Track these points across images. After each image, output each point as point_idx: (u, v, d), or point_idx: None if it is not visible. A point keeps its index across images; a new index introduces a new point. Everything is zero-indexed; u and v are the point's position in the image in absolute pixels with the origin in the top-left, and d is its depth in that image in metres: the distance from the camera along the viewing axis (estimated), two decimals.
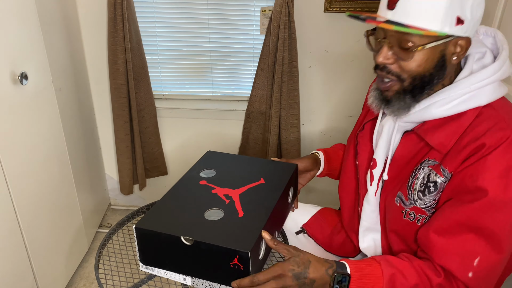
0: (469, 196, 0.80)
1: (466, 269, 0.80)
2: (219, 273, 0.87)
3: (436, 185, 0.85)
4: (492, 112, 0.82)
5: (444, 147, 0.84)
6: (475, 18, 0.80)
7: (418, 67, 0.82)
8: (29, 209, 1.42)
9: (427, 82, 0.84)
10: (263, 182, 1.06)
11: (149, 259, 0.94)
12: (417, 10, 0.78)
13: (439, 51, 0.81)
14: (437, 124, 0.86)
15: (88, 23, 1.89)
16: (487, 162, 0.78)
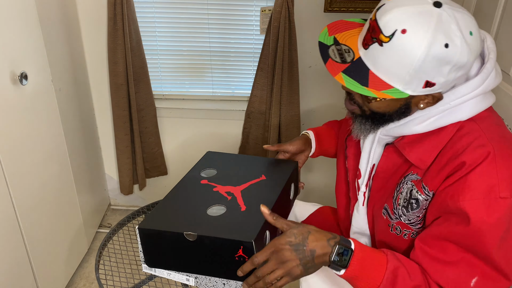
0: (454, 217, 0.77)
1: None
2: (224, 267, 0.87)
3: (418, 202, 0.83)
4: (473, 126, 0.78)
5: (423, 163, 0.82)
6: (452, 79, 0.74)
7: (378, 109, 0.82)
8: (29, 209, 1.42)
9: (387, 119, 0.84)
10: (264, 178, 1.06)
11: (153, 260, 0.94)
12: (384, 65, 0.74)
13: (403, 100, 0.79)
14: (416, 138, 0.83)
15: (88, 23, 1.89)
16: (467, 181, 0.74)
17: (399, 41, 0.71)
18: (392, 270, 0.79)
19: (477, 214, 0.72)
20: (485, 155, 0.74)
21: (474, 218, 0.73)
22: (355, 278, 0.80)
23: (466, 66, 0.73)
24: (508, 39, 1.31)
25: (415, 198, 0.83)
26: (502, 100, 1.31)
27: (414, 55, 0.70)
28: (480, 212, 0.72)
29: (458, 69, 0.73)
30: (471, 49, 0.71)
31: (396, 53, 0.72)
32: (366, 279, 0.79)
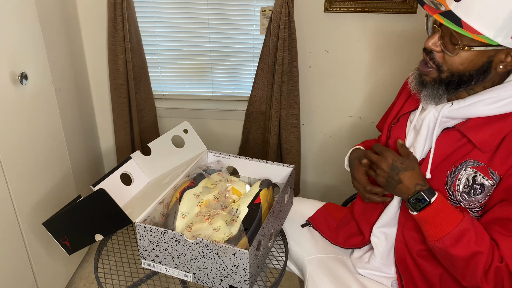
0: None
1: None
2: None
3: (483, 187, 0.86)
4: None
5: (487, 146, 0.84)
6: None
7: (460, 65, 0.83)
8: (29, 209, 1.43)
9: (464, 81, 0.85)
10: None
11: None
12: (478, 12, 0.77)
13: (487, 56, 0.81)
14: (481, 122, 0.85)
15: (88, 23, 1.89)
16: None
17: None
18: (461, 230, 0.83)
19: None
20: None
21: None
22: (425, 221, 0.87)
23: None
24: None
25: (480, 183, 0.86)
26: None
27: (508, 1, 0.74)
28: None
29: None
30: None
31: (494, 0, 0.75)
32: (434, 226, 0.85)
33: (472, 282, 0.84)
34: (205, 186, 1.08)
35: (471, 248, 0.82)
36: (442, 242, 0.84)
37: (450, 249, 0.83)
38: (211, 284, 0.95)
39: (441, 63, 0.85)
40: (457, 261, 0.84)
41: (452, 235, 0.83)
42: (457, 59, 0.83)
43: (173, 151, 1.23)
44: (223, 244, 0.88)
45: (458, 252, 0.83)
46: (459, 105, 0.87)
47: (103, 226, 0.99)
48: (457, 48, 0.81)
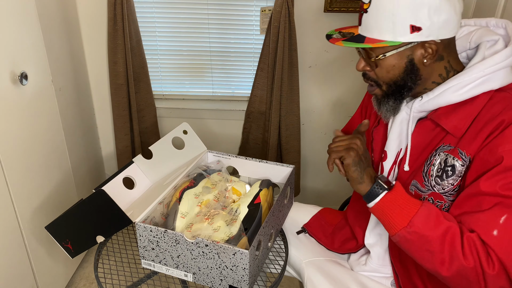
0: (491, 168, 0.81)
1: (490, 226, 0.78)
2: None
3: (454, 168, 0.87)
4: (505, 94, 0.85)
5: (459, 130, 0.87)
6: (436, 22, 0.82)
7: (388, 73, 0.89)
8: (29, 209, 1.43)
9: (402, 86, 0.90)
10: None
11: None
12: (372, 25, 0.86)
13: (405, 56, 0.87)
14: (451, 109, 0.88)
15: (88, 23, 1.90)
16: (505, 134, 0.80)
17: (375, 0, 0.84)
18: (428, 207, 0.84)
19: (510, 160, 0.78)
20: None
21: (509, 160, 0.78)
22: (390, 207, 0.85)
23: (445, 9, 0.81)
24: None
25: (451, 165, 0.87)
26: None
27: (388, 4, 0.82)
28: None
29: (436, 11, 0.81)
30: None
31: (376, 10, 0.84)
32: (400, 210, 0.84)
33: (453, 263, 0.80)
34: (205, 186, 1.08)
35: (443, 223, 0.81)
36: (412, 224, 0.82)
37: (423, 229, 0.81)
38: (211, 284, 0.95)
39: (375, 78, 0.92)
40: (432, 242, 0.81)
41: (421, 214, 0.82)
42: (382, 70, 0.90)
43: (174, 153, 1.24)
44: (223, 244, 0.88)
45: (432, 230, 0.81)
46: (428, 97, 0.91)
47: (104, 227, 0.99)
48: (373, 61, 0.89)
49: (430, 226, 0.81)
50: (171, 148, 1.23)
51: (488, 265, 0.77)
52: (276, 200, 1.05)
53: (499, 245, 0.77)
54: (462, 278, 0.80)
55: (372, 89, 0.95)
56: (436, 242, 0.80)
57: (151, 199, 1.05)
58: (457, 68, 0.90)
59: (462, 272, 0.79)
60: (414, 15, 0.81)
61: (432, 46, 0.85)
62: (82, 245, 1.03)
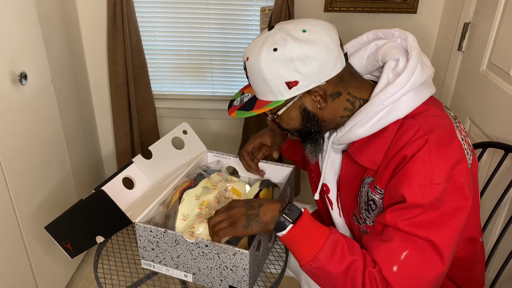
0: (396, 203, 0.81)
1: (391, 262, 0.78)
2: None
3: (375, 203, 0.87)
4: (412, 122, 0.82)
5: (374, 164, 0.86)
6: (310, 71, 0.81)
7: (289, 125, 0.90)
8: (28, 209, 1.42)
9: (307, 132, 0.90)
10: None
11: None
12: (256, 88, 0.87)
13: (297, 107, 0.87)
14: (364, 142, 0.87)
15: (88, 23, 1.89)
16: (406, 171, 0.79)
17: (248, 67, 0.84)
18: (334, 240, 0.82)
19: (413, 198, 0.77)
20: (422, 145, 0.79)
21: (410, 200, 0.77)
22: (298, 239, 0.83)
23: (314, 55, 0.79)
24: (508, 39, 1.31)
25: (372, 199, 0.87)
26: (502, 100, 1.30)
27: (257, 69, 0.82)
28: (417, 197, 0.77)
29: (305, 61, 0.79)
30: (307, 42, 0.79)
31: (252, 76, 0.85)
32: (307, 243, 0.82)
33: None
34: (205, 187, 1.08)
35: (346, 259, 0.80)
36: (317, 259, 0.81)
37: (326, 266, 0.80)
38: (211, 284, 0.94)
39: (286, 129, 0.93)
40: (336, 278, 0.81)
41: (325, 249, 0.81)
42: (283, 123, 0.90)
43: (174, 153, 1.23)
44: (223, 245, 0.88)
45: (335, 267, 0.80)
46: (341, 133, 0.89)
47: (104, 227, 0.99)
48: (269, 119, 0.91)
49: (334, 262, 0.80)
50: (171, 148, 1.23)
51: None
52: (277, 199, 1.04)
53: (397, 282, 0.78)
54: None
55: (292, 136, 0.96)
56: (339, 278, 0.80)
57: (151, 199, 1.05)
58: (363, 96, 0.87)
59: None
60: (283, 73, 0.81)
61: (320, 92, 0.84)
62: (82, 245, 1.03)
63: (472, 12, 1.56)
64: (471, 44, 1.56)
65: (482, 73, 1.44)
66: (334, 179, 0.99)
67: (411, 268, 0.78)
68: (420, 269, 0.78)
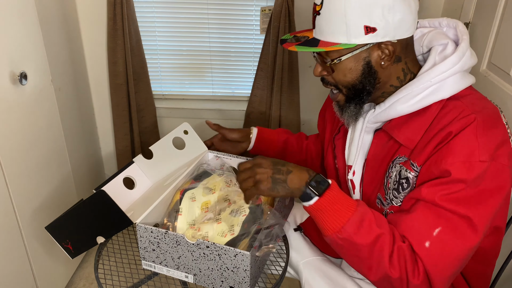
0: (432, 178, 0.81)
1: (423, 237, 0.78)
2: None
3: (408, 181, 0.85)
4: (456, 103, 0.83)
5: (411, 142, 0.85)
6: (391, 22, 0.80)
7: (345, 77, 0.87)
8: (28, 209, 1.42)
9: (360, 90, 0.88)
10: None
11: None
12: (325, 27, 0.84)
13: (361, 59, 0.85)
14: (403, 120, 0.87)
15: (88, 23, 1.89)
16: (450, 147, 0.78)
17: (331, 2, 0.81)
18: (362, 212, 0.81)
19: (457, 173, 0.77)
20: (469, 122, 0.79)
21: (453, 175, 0.77)
22: (324, 210, 0.82)
23: (399, 8, 0.80)
24: (508, 39, 1.31)
25: (405, 177, 0.86)
26: (502, 100, 1.31)
27: (341, 6, 0.80)
28: (460, 172, 0.77)
29: (390, 10, 0.79)
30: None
31: (329, 12, 0.82)
32: (333, 214, 0.81)
33: (379, 271, 0.80)
34: (206, 187, 1.07)
35: (374, 231, 0.79)
36: (344, 231, 0.80)
37: (353, 237, 0.79)
38: (212, 285, 0.94)
39: (334, 82, 0.90)
40: (362, 250, 0.80)
41: (353, 221, 0.80)
42: (338, 74, 0.87)
43: (175, 153, 1.23)
44: (224, 246, 0.88)
45: (362, 238, 0.79)
46: (380, 109, 0.89)
47: (104, 228, 0.99)
48: (329, 65, 0.87)
49: (361, 234, 0.80)
50: (172, 148, 1.23)
51: (413, 275, 0.78)
52: (277, 201, 1.04)
53: (428, 257, 0.77)
54: (386, 284, 0.81)
55: (334, 96, 0.93)
56: (365, 250, 0.80)
57: (152, 200, 1.05)
58: (414, 71, 0.88)
59: (387, 279, 0.80)
60: (367, 16, 0.79)
61: (389, 47, 0.83)
62: (82, 245, 1.03)
63: (472, 12, 1.56)
64: (471, 44, 1.55)
65: (482, 73, 1.44)
66: (362, 161, 0.97)
67: (444, 245, 0.78)
68: (452, 246, 0.78)
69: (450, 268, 0.79)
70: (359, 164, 0.98)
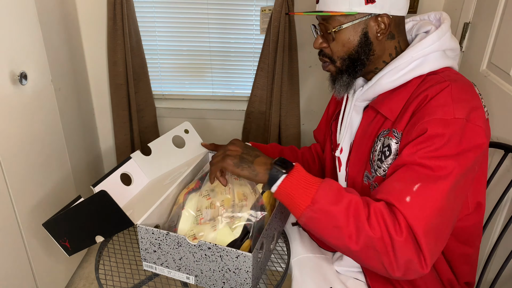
0: (413, 139, 0.83)
1: (404, 194, 0.78)
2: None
3: (390, 148, 0.89)
4: (434, 76, 0.89)
5: (393, 113, 0.91)
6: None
7: (343, 47, 0.93)
8: (28, 209, 1.42)
9: (355, 59, 0.93)
10: None
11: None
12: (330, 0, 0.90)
13: (360, 29, 0.91)
14: (387, 94, 0.93)
15: (88, 23, 1.89)
16: (427, 107, 0.84)
17: None
18: (329, 183, 0.83)
19: (434, 128, 0.81)
20: (444, 87, 0.85)
21: (431, 130, 0.81)
22: (293, 187, 0.83)
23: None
24: (508, 39, 1.31)
25: (387, 145, 0.90)
26: (503, 100, 1.31)
27: None
28: (438, 127, 0.81)
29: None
30: None
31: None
32: (302, 189, 0.82)
33: (360, 236, 0.78)
34: (209, 189, 1.07)
35: (345, 196, 0.80)
36: (316, 201, 0.80)
37: (326, 205, 0.79)
38: (214, 286, 0.94)
39: (330, 54, 0.95)
40: (337, 217, 0.79)
41: (322, 190, 0.81)
42: (337, 44, 0.93)
43: (174, 151, 1.23)
44: (226, 247, 0.88)
45: (334, 205, 0.79)
46: (367, 86, 0.95)
47: (104, 228, 0.99)
48: (331, 33, 0.92)
49: (333, 201, 0.80)
50: (171, 146, 1.23)
51: (396, 232, 0.76)
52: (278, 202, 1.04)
53: (410, 211, 0.77)
54: (370, 250, 0.78)
55: (326, 67, 0.98)
56: (341, 215, 0.79)
57: (151, 199, 1.04)
58: (403, 50, 0.94)
59: (369, 244, 0.78)
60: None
61: (385, 20, 0.89)
62: (81, 244, 1.02)
63: (472, 12, 1.56)
64: (471, 44, 1.57)
65: (482, 73, 1.44)
66: (349, 139, 1.03)
67: (424, 197, 0.78)
68: (433, 197, 0.78)
69: (432, 218, 0.78)
70: (346, 142, 1.03)
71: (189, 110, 2.07)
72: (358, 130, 0.99)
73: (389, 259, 0.77)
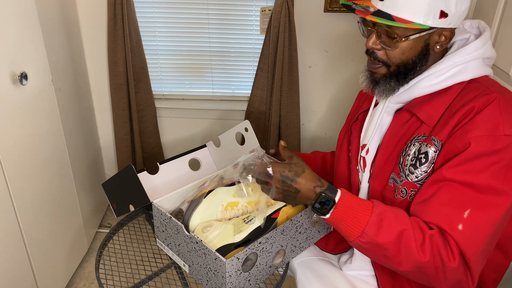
0: (457, 154, 0.82)
1: (455, 221, 0.79)
2: None
3: (427, 155, 0.88)
4: (477, 85, 0.87)
5: (432, 119, 0.88)
6: (459, 11, 0.85)
7: (402, 55, 0.89)
8: (29, 209, 1.42)
9: (410, 69, 0.90)
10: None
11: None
12: (403, 3, 0.83)
13: (423, 40, 0.88)
14: (425, 99, 0.91)
15: (88, 23, 1.89)
16: (475, 121, 0.81)
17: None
18: (378, 213, 0.83)
19: (480, 146, 0.79)
20: (492, 100, 0.82)
21: (475, 148, 0.79)
22: (340, 221, 0.85)
23: (466, 2, 0.85)
24: (508, 39, 1.31)
25: (424, 152, 0.88)
26: None
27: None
28: (483, 145, 0.79)
29: (463, 1, 0.84)
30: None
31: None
32: (351, 222, 0.83)
33: (409, 262, 0.81)
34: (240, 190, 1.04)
35: (395, 229, 0.81)
36: (365, 235, 0.82)
37: (375, 238, 0.81)
38: (201, 281, 0.95)
39: (385, 59, 0.91)
40: (387, 249, 0.82)
41: (372, 223, 0.82)
42: (397, 51, 0.89)
43: (236, 148, 1.25)
44: (208, 246, 0.87)
45: (384, 238, 0.81)
46: (403, 89, 0.93)
47: (134, 199, 1.04)
48: (395, 42, 0.87)
49: (383, 234, 0.81)
50: (234, 141, 1.25)
51: (449, 259, 0.79)
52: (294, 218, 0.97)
53: (463, 239, 0.78)
54: (420, 272, 0.82)
55: (376, 67, 0.93)
56: (391, 248, 0.81)
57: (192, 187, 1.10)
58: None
59: (420, 267, 0.81)
60: (446, 1, 0.82)
61: (447, 34, 0.87)
62: (123, 208, 1.09)
63: (472, 12, 1.56)
64: None
65: None
66: (378, 140, 1.00)
67: (476, 223, 0.79)
68: (484, 221, 0.79)
69: (484, 245, 0.80)
70: (374, 143, 1.00)
71: (189, 110, 2.07)
72: (388, 131, 0.97)
73: (438, 280, 0.82)
